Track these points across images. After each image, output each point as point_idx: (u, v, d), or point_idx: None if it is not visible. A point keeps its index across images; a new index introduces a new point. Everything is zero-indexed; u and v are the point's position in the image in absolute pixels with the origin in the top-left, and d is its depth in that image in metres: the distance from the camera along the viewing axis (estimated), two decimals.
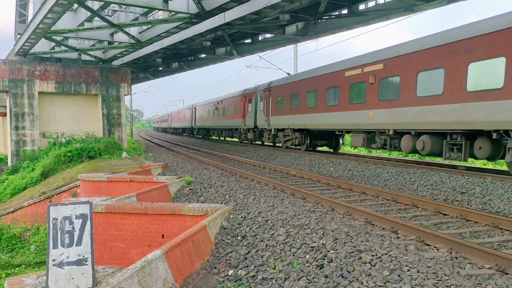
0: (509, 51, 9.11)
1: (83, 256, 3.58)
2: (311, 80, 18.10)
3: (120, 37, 19.74)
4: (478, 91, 9.98)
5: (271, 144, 24.64)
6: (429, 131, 11.68)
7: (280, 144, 22.43)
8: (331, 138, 19.62)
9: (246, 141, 27.78)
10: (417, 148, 12.07)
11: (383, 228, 6.43)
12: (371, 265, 4.53)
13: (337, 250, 5.02)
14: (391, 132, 13.15)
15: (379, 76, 13.54)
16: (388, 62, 13.16)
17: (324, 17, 17.81)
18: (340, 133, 18.10)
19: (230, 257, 5.70)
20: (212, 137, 39.94)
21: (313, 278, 4.45)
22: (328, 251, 5.02)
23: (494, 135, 9.82)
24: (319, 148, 20.90)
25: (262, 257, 5.44)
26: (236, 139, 27.51)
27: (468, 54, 10.22)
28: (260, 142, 25.67)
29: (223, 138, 35.98)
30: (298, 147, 20.30)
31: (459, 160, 10.93)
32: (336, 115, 16.01)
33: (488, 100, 9.70)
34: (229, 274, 5.17)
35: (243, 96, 27.12)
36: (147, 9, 16.07)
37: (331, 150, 20.32)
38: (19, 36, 20.88)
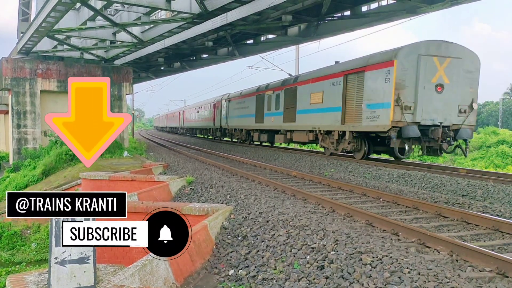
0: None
1: (85, 254, 3.59)
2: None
3: (122, 36, 19.76)
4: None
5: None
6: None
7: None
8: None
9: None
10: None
11: (384, 230, 6.43)
12: (372, 267, 4.53)
13: (337, 251, 5.03)
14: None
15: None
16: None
17: (326, 19, 17.81)
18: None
19: (231, 257, 5.71)
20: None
21: (314, 279, 4.46)
22: (329, 252, 5.03)
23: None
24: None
25: (262, 258, 5.45)
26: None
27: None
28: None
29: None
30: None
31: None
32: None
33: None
34: (230, 274, 5.18)
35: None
36: (150, 9, 16.08)
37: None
38: (21, 34, 20.93)
